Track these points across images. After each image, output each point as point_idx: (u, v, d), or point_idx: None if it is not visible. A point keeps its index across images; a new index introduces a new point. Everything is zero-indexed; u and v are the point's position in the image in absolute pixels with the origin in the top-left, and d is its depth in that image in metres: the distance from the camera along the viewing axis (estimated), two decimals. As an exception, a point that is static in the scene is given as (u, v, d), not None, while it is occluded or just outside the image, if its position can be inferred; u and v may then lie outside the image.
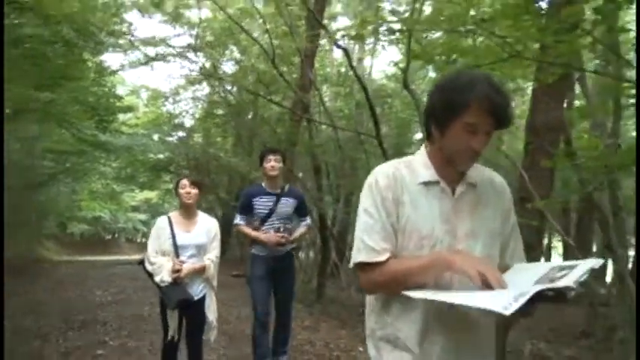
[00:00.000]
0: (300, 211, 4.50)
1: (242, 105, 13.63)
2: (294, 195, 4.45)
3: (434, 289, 1.46)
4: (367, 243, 1.55)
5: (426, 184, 1.58)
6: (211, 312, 3.82)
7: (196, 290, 3.72)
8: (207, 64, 14.45)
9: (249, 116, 14.70)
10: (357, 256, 1.57)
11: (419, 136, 11.32)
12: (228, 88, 14.53)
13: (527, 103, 7.20)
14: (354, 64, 15.37)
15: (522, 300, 1.18)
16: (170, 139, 18.31)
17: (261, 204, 4.29)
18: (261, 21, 10.32)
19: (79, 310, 7.42)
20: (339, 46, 6.87)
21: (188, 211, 3.82)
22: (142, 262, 3.80)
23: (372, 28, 5.64)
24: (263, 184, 4.38)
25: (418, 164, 1.62)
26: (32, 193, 13.96)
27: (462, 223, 1.56)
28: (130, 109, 16.59)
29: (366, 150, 9.12)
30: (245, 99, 13.76)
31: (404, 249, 1.55)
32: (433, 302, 1.44)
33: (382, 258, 1.53)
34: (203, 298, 3.77)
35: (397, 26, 4.95)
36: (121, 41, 12.41)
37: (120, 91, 16.76)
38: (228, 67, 15.61)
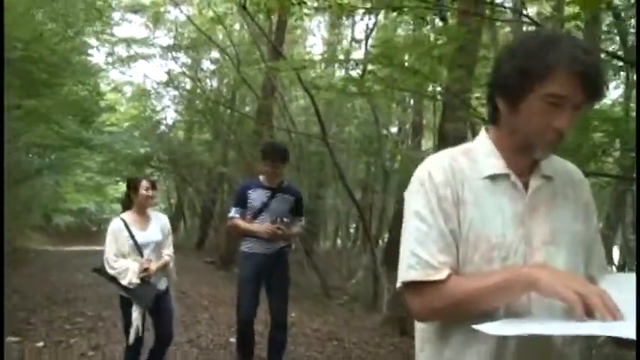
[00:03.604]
0: (297, 210, 4.19)
1: (217, 105, 14.58)
2: (291, 192, 4.19)
3: (506, 316, 1.14)
4: (421, 256, 1.19)
5: (493, 177, 1.24)
6: (174, 301, 4.01)
7: (162, 285, 3.77)
8: (189, 62, 15.59)
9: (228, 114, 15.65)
10: (408, 273, 1.20)
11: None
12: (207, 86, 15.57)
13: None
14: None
15: None
16: (152, 134, 19.18)
17: (255, 197, 4.03)
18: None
19: (62, 290, 8.36)
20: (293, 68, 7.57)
21: (143, 211, 3.80)
22: (99, 270, 3.75)
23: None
24: (261, 178, 4.12)
25: (480, 153, 1.28)
26: (17, 187, 14.58)
27: (539, 226, 1.22)
28: (112, 108, 17.41)
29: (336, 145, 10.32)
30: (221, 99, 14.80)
31: (468, 263, 1.20)
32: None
33: (442, 276, 1.17)
34: (167, 291, 3.82)
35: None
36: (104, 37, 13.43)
37: (102, 86, 17.56)
38: (206, 65, 16.76)
